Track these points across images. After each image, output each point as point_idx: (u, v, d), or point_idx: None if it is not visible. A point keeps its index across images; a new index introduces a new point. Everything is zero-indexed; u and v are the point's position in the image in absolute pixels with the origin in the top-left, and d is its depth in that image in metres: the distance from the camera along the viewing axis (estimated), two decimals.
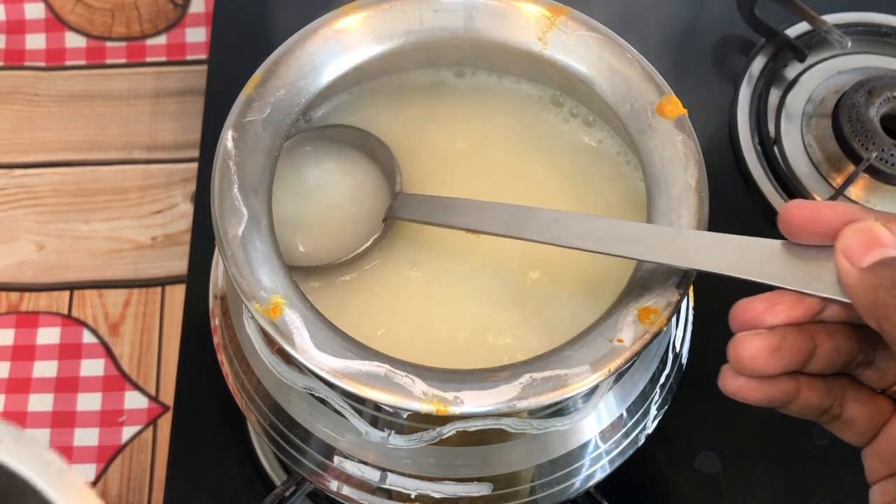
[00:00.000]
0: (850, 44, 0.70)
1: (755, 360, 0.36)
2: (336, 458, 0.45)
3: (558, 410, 0.44)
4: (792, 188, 0.67)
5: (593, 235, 0.41)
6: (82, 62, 0.76)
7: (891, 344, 0.34)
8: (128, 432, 0.64)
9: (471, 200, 0.44)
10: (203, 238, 0.66)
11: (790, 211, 0.37)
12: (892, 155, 0.65)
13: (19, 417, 0.64)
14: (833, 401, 0.38)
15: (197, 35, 0.78)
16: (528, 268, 0.47)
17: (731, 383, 0.37)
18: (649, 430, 0.47)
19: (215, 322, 0.49)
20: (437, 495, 0.44)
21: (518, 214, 0.43)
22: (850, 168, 0.66)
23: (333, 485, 0.45)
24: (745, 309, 0.37)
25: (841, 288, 0.36)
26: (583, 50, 0.47)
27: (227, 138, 0.44)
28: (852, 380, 0.38)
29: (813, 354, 0.37)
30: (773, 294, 0.37)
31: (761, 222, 0.66)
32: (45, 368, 0.66)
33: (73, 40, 0.77)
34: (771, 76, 0.71)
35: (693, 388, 0.53)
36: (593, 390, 0.44)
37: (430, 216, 0.46)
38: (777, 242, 0.38)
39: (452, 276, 0.47)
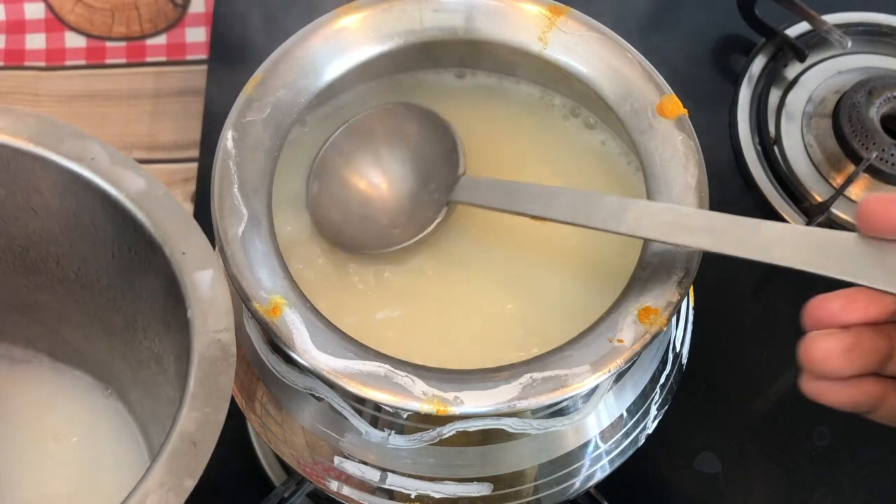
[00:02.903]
0: (850, 44, 0.70)
1: (827, 360, 0.34)
2: (336, 458, 0.45)
3: (558, 410, 0.44)
4: (792, 188, 0.67)
5: (664, 224, 0.40)
6: (82, 62, 0.76)
7: None
8: None
9: (538, 185, 0.43)
10: None
11: (869, 205, 0.34)
12: (892, 155, 0.65)
13: None
14: None
15: (197, 35, 0.78)
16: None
17: (810, 386, 0.35)
18: (649, 430, 0.47)
19: None
20: (437, 495, 0.44)
21: (586, 201, 0.41)
22: (851, 168, 0.66)
23: (333, 485, 0.45)
24: (820, 307, 0.35)
25: None
26: (583, 50, 0.47)
27: (227, 138, 0.44)
28: None
29: (892, 356, 0.35)
30: (850, 291, 0.35)
31: None
32: None
33: (73, 40, 0.77)
34: (771, 76, 0.71)
35: (693, 388, 0.53)
36: (593, 390, 0.44)
37: (496, 201, 0.44)
38: (854, 236, 0.35)
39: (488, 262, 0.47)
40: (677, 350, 0.49)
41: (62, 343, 0.54)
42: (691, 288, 0.46)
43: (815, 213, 0.65)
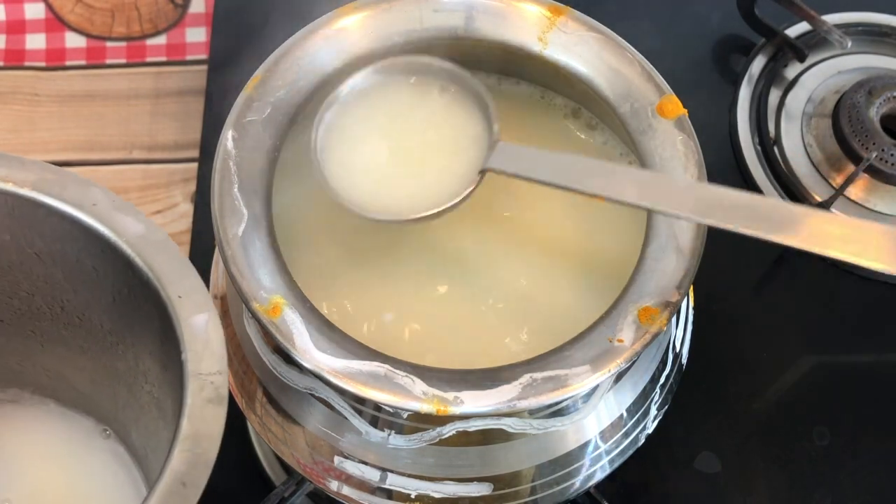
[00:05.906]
0: (850, 44, 0.70)
1: None
2: (336, 458, 0.45)
3: (558, 410, 0.44)
4: (792, 188, 0.67)
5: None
6: (82, 62, 0.76)
7: None
8: None
9: (575, 157, 0.43)
10: (203, 238, 0.66)
11: None
12: (892, 155, 0.65)
13: None
14: None
15: (197, 35, 0.78)
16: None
17: None
18: (649, 430, 0.47)
19: None
20: (437, 495, 0.44)
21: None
22: (850, 168, 0.66)
23: (333, 485, 0.46)
24: None
25: None
26: (583, 50, 0.47)
27: (227, 138, 0.44)
28: None
29: None
30: None
31: None
32: None
33: (73, 40, 0.77)
34: (771, 76, 0.71)
35: (693, 388, 0.53)
36: (593, 390, 0.44)
37: (532, 172, 0.42)
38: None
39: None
40: (677, 350, 0.49)
41: (68, 388, 0.55)
42: (691, 288, 0.46)
43: None
